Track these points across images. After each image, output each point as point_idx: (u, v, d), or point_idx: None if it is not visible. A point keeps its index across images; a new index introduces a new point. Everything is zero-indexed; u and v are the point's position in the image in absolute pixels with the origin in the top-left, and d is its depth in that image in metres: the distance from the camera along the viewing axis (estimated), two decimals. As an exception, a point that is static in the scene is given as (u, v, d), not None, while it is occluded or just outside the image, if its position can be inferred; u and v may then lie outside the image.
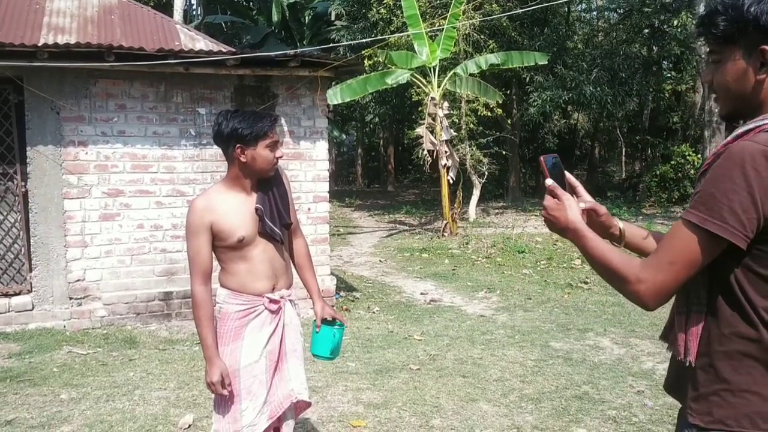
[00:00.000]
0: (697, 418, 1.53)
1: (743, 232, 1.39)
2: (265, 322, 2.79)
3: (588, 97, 17.84)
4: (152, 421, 4.28)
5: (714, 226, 1.40)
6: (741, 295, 1.46)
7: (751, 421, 1.46)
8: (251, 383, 2.74)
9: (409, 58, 13.61)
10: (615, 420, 4.24)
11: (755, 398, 1.46)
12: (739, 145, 1.41)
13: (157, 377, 5.17)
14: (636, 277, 1.50)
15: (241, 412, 2.73)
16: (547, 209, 1.67)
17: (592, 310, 7.41)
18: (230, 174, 2.76)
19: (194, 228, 2.68)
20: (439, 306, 7.82)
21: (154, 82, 6.67)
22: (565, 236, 1.66)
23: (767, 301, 1.44)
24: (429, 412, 4.40)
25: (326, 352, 2.90)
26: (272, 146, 2.71)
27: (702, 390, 1.53)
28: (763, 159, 1.37)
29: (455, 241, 13.50)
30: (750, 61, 1.50)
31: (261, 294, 2.78)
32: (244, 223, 2.72)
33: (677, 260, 1.46)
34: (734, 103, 1.57)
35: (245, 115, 2.70)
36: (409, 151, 26.77)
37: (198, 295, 2.70)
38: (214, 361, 2.68)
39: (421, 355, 5.68)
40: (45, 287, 6.44)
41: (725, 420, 1.49)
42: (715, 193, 1.41)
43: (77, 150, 6.45)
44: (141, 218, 6.72)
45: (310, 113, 7.30)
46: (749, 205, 1.38)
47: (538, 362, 5.45)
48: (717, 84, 1.58)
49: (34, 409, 4.50)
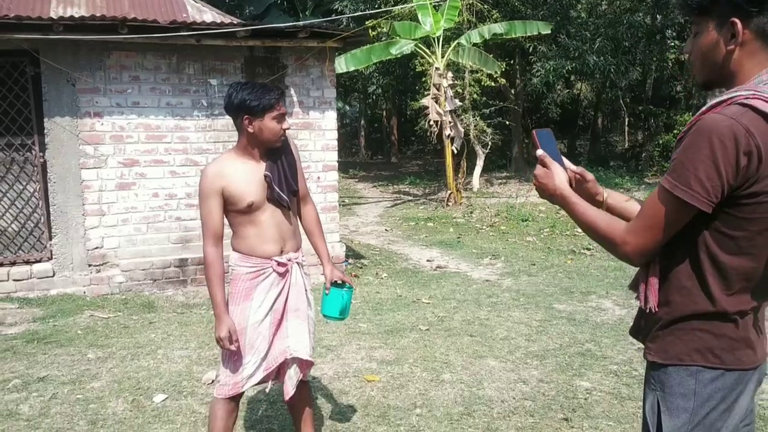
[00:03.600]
0: (655, 355, 1.72)
1: (707, 198, 1.53)
2: (273, 283, 2.97)
3: (591, 66, 17.83)
4: (177, 377, 4.51)
5: (681, 192, 1.55)
6: (705, 251, 1.61)
7: (702, 355, 1.65)
8: (255, 339, 2.94)
9: (413, 29, 13.66)
10: (616, 374, 4.46)
11: (706, 335, 1.64)
12: (709, 117, 1.54)
13: (178, 338, 5.40)
14: (622, 239, 1.67)
15: (243, 365, 2.94)
16: (537, 177, 1.85)
17: (595, 274, 7.62)
18: (240, 143, 2.93)
19: (206, 192, 2.86)
20: (446, 272, 8.04)
21: (166, 54, 6.81)
22: (553, 202, 1.85)
23: (733, 257, 1.60)
24: (439, 367, 4.63)
25: (335, 312, 3.08)
26: (279, 118, 2.86)
27: (659, 332, 1.71)
28: (729, 131, 1.49)
29: (459, 210, 13.70)
30: (721, 32, 1.62)
31: (269, 257, 2.95)
32: (253, 189, 2.88)
33: (655, 224, 1.62)
34: (708, 73, 1.70)
35: (254, 88, 2.84)
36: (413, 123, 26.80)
37: (209, 256, 2.89)
38: (222, 318, 2.87)
39: (429, 317, 5.91)
40: (65, 254, 6.66)
41: (679, 355, 1.67)
42: (684, 161, 1.55)
43: (93, 121, 6.62)
44: (156, 187, 6.92)
45: (318, 83, 7.44)
46: (713, 173, 1.50)
47: (543, 323, 5.68)
48: (693, 54, 1.72)
49: (64, 367, 4.73)
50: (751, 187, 1.52)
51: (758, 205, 1.54)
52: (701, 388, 1.65)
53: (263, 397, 4.15)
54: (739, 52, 1.62)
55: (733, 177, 1.51)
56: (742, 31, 1.59)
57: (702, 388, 1.65)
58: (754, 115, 1.50)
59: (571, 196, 1.81)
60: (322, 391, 4.24)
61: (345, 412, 3.93)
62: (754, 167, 1.50)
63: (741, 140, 1.48)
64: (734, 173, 1.50)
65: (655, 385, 1.74)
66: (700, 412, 1.65)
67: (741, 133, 1.48)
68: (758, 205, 1.54)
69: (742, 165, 1.49)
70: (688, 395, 1.66)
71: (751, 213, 1.55)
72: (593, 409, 3.92)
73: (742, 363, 1.65)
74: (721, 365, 1.64)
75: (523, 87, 21.33)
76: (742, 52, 1.62)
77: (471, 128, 16.44)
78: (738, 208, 1.55)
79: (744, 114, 1.51)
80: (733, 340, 1.64)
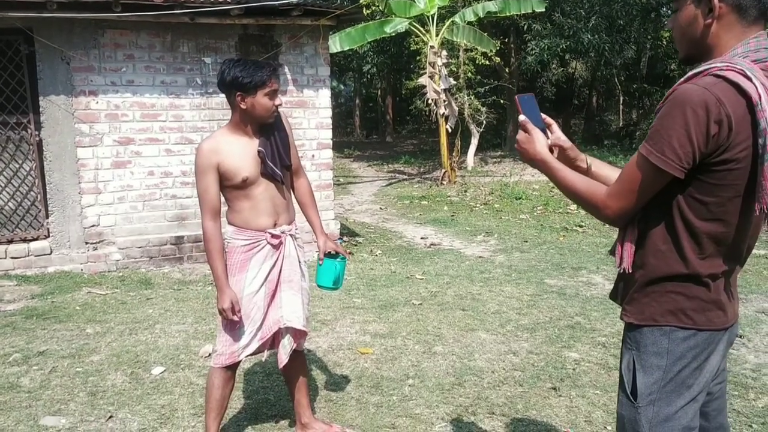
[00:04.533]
0: (631, 316, 1.81)
1: (679, 163, 1.61)
2: (268, 255, 3.05)
3: (586, 45, 17.82)
4: (174, 351, 4.61)
5: (656, 159, 1.63)
6: (679, 216, 1.70)
7: (675, 316, 1.74)
8: (250, 309, 3.03)
9: (407, 7, 13.63)
10: (604, 345, 4.57)
11: (679, 297, 1.73)
12: (683, 88, 1.63)
13: (175, 313, 5.49)
14: (603, 203, 1.76)
15: (240, 335, 3.05)
16: (518, 142, 1.94)
17: (586, 250, 7.72)
18: (233, 119, 2.99)
19: (202, 168, 2.92)
20: (439, 249, 8.13)
21: (160, 32, 6.83)
22: (534, 166, 1.93)
23: (705, 222, 1.68)
24: (431, 340, 4.73)
25: (329, 282, 3.16)
26: (271, 95, 2.91)
27: (636, 294, 1.80)
28: (701, 100, 1.57)
29: (454, 189, 13.77)
30: (699, 6, 1.71)
31: (263, 229, 3.03)
32: (247, 164, 2.95)
33: (634, 188, 1.70)
34: (688, 48, 1.78)
35: (246, 65, 2.88)
36: (407, 102, 26.78)
37: (208, 230, 2.96)
38: (224, 289, 2.95)
39: (422, 292, 6.00)
40: (62, 232, 6.72)
41: (654, 316, 1.76)
42: (659, 129, 1.64)
43: (88, 99, 6.65)
44: (151, 165, 6.97)
45: (312, 62, 7.48)
46: (685, 140, 1.59)
47: (534, 297, 5.78)
48: (674, 30, 1.80)
49: (63, 341, 4.82)
50: (723, 154, 1.59)
51: (729, 172, 1.62)
52: (674, 347, 1.74)
53: (259, 368, 4.25)
54: (716, 25, 1.69)
55: (704, 144, 1.58)
56: (719, 5, 1.66)
57: (675, 346, 1.74)
58: (727, 86, 1.57)
59: (552, 161, 1.89)
60: (317, 363, 4.34)
61: (339, 383, 4.04)
62: (724, 135, 1.57)
63: (712, 109, 1.56)
64: (705, 141, 1.58)
65: (630, 344, 1.83)
66: (672, 369, 1.75)
67: (712, 102, 1.56)
68: (729, 172, 1.62)
69: (713, 133, 1.57)
70: (662, 353, 1.75)
71: (723, 180, 1.63)
72: (581, 378, 4.02)
73: (713, 324, 1.74)
74: (693, 325, 1.73)
75: (517, 65, 21.32)
76: (719, 26, 1.69)
77: (465, 107, 16.48)
78: (710, 174, 1.63)
79: (716, 84, 1.58)
80: (705, 301, 1.73)
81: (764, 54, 1.65)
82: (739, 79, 1.58)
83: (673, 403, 1.75)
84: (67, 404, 3.78)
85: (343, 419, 3.56)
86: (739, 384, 3.91)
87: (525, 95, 1.98)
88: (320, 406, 3.72)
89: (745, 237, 1.76)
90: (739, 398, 3.72)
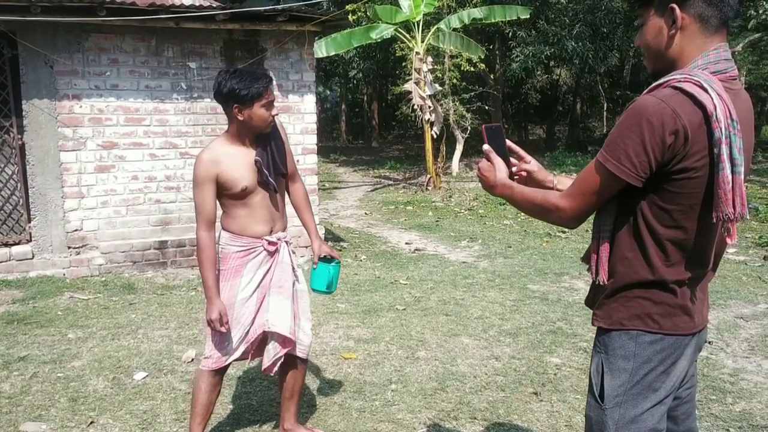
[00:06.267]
0: (600, 321, 1.87)
1: (635, 172, 1.66)
2: (263, 261, 3.08)
3: (570, 52, 17.99)
4: (157, 356, 4.59)
5: (612, 165, 1.69)
6: (644, 224, 1.75)
7: (642, 320, 1.79)
8: (242, 315, 3.05)
9: (394, 13, 13.68)
10: (585, 350, 4.61)
11: (646, 302, 1.78)
12: (642, 99, 1.68)
13: (158, 318, 5.47)
14: (555, 205, 1.82)
15: (229, 340, 3.06)
16: (480, 170, 2.01)
17: (569, 256, 7.78)
18: (231, 129, 3.00)
19: (201, 179, 2.94)
20: (424, 254, 8.16)
21: (145, 36, 6.82)
22: (493, 194, 1.99)
23: (668, 230, 1.73)
24: (414, 345, 4.75)
25: (322, 286, 3.18)
26: (267, 106, 2.93)
27: (605, 300, 1.85)
28: (657, 112, 1.62)
29: (439, 194, 13.82)
30: (663, 18, 1.76)
31: (260, 237, 3.06)
32: (246, 173, 2.97)
33: (587, 191, 1.77)
34: (654, 62, 1.83)
35: (242, 76, 2.86)
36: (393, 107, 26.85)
37: (202, 240, 2.98)
38: (214, 300, 2.97)
39: (406, 298, 6.02)
40: (44, 237, 6.68)
41: (622, 320, 1.81)
42: (617, 138, 1.69)
43: (72, 103, 6.62)
44: (135, 170, 6.94)
45: (297, 67, 7.49)
46: (641, 150, 1.64)
47: (516, 302, 5.82)
48: (641, 44, 1.85)
49: (44, 347, 4.79)
50: (680, 163, 1.65)
51: (688, 181, 1.67)
52: (641, 350, 1.78)
53: (242, 373, 4.25)
54: (680, 36, 1.74)
55: (660, 154, 1.64)
56: (681, 15, 1.72)
57: (641, 350, 1.78)
58: (683, 98, 1.63)
59: (510, 185, 1.95)
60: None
61: (322, 388, 4.05)
62: (680, 145, 1.62)
63: (667, 120, 1.61)
64: (661, 150, 1.63)
65: (600, 347, 1.87)
66: (639, 373, 1.79)
67: (668, 113, 1.61)
68: (688, 181, 1.67)
69: (669, 143, 1.62)
70: (629, 357, 1.79)
71: (683, 188, 1.68)
72: (562, 383, 4.06)
73: (680, 329, 1.79)
74: (659, 330, 1.77)
75: (502, 72, 21.45)
76: (683, 37, 1.74)
77: (450, 113, 16.54)
78: (671, 182, 1.68)
79: (673, 96, 1.64)
80: (671, 307, 1.77)
81: (723, 65, 1.71)
82: (695, 90, 1.63)
83: (639, 405, 1.79)
84: (48, 410, 3.76)
85: (326, 424, 3.57)
86: (717, 389, 3.96)
87: (492, 125, 2.05)
88: (303, 411, 3.73)
89: (710, 243, 1.80)
90: (716, 402, 3.77)
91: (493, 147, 2.00)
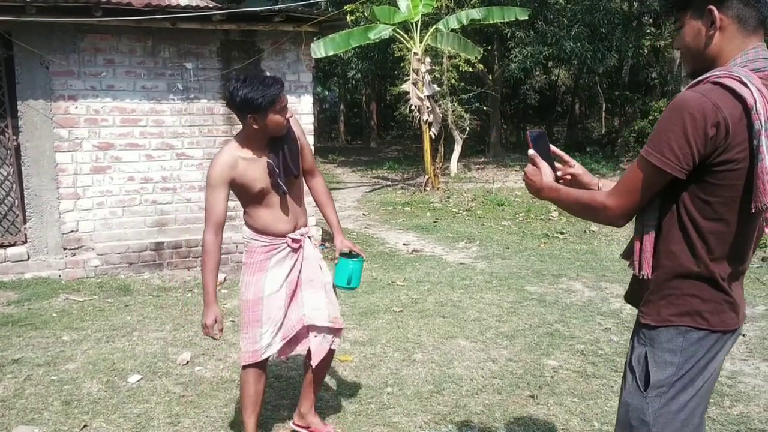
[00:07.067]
0: (648, 318, 1.89)
1: (678, 164, 1.70)
2: (287, 257, 3.12)
3: (568, 52, 17.98)
4: (152, 359, 4.57)
5: (655, 159, 1.73)
6: (687, 217, 1.78)
7: (692, 317, 1.82)
8: (272, 310, 3.09)
9: (392, 13, 13.66)
10: (583, 353, 4.59)
11: (695, 300, 1.81)
12: (683, 94, 1.73)
13: (153, 320, 5.44)
14: (602, 204, 1.86)
15: (261, 335, 3.09)
16: (527, 174, 2.06)
17: (567, 257, 7.76)
18: (245, 134, 3.00)
19: (215, 182, 2.94)
20: (421, 255, 8.13)
21: (141, 36, 6.79)
22: (540, 197, 2.05)
23: (710, 222, 1.76)
24: (411, 348, 4.73)
25: (343, 281, 3.18)
26: (281, 111, 2.92)
27: (652, 297, 1.87)
28: (699, 105, 1.67)
29: (437, 195, 13.79)
30: (702, 20, 1.80)
31: (283, 234, 3.10)
32: (261, 175, 2.99)
33: (632, 188, 1.80)
34: (694, 61, 1.87)
35: (254, 84, 2.84)
36: (392, 108, 26.82)
37: (208, 244, 2.97)
38: (211, 306, 2.98)
39: (403, 299, 6.00)
40: (39, 238, 6.65)
41: (670, 318, 1.84)
42: (659, 132, 1.73)
43: (67, 104, 6.59)
44: (131, 171, 6.91)
45: (294, 68, 7.47)
46: (684, 142, 1.68)
47: (514, 304, 5.80)
48: (680, 46, 1.90)
49: (38, 349, 4.76)
50: (722, 155, 1.68)
51: (729, 172, 1.70)
52: (688, 346, 1.82)
53: (237, 377, 4.21)
54: (719, 37, 1.78)
55: (702, 146, 1.67)
56: (719, 16, 1.76)
57: (688, 345, 1.82)
58: (723, 92, 1.67)
59: (557, 187, 2.00)
60: (296, 371, 4.32)
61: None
62: (722, 137, 1.66)
63: (709, 113, 1.65)
64: (704, 142, 1.67)
65: (644, 340, 1.90)
66: (684, 367, 1.83)
67: (709, 107, 1.66)
68: (729, 172, 1.70)
69: (710, 135, 1.66)
70: (675, 351, 1.83)
71: (724, 180, 1.71)
72: (559, 386, 4.03)
73: (726, 325, 1.83)
74: (708, 327, 1.81)
75: (501, 73, 21.44)
76: (722, 38, 1.78)
77: (449, 114, 16.52)
78: (712, 175, 1.71)
79: (713, 90, 1.68)
80: (719, 303, 1.81)
81: (762, 63, 1.74)
82: (735, 84, 1.67)
83: (680, 397, 1.84)
84: (41, 413, 3.73)
85: (321, 428, 3.54)
86: (714, 391, 3.93)
87: (535, 131, 2.10)
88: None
89: (750, 237, 1.84)
90: (714, 405, 3.74)
91: (538, 152, 2.04)
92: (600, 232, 9.34)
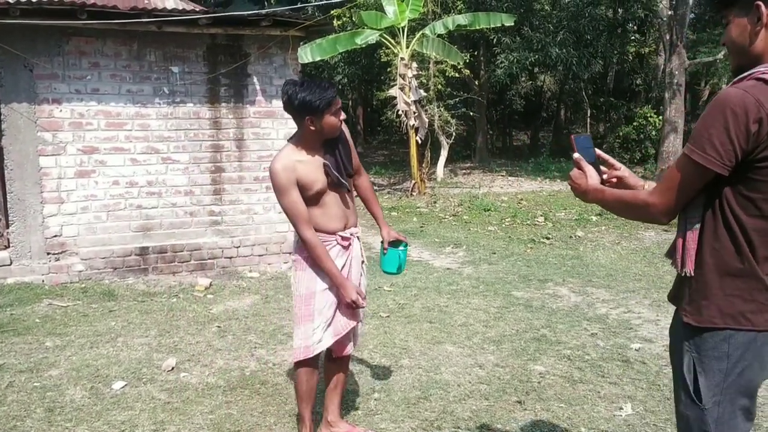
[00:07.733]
0: (690, 318, 1.87)
1: (721, 161, 1.70)
2: (338, 254, 3.20)
3: (554, 58, 18.10)
4: (136, 365, 4.52)
5: (698, 156, 1.73)
6: (731, 213, 1.77)
7: (734, 319, 1.80)
8: (323, 306, 3.16)
9: (379, 19, 13.68)
10: (569, 358, 4.60)
11: (738, 300, 1.79)
12: (725, 90, 1.73)
13: (138, 326, 5.39)
14: (645, 202, 1.86)
15: (313, 330, 3.16)
16: (571, 178, 2.07)
17: (553, 262, 7.78)
18: (302, 136, 3.09)
19: (284, 187, 3.03)
20: (408, 260, 8.10)
21: (127, 40, 6.74)
22: (586, 199, 2.05)
23: (753, 219, 1.76)
24: (398, 353, 4.72)
25: (393, 268, 3.45)
26: (336, 113, 3.05)
27: (695, 296, 1.86)
28: (740, 101, 1.67)
29: (423, 200, 13.81)
30: (748, 16, 1.79)
31: (334, 232, 3.19)
32: (319, 177, 3.09)
33: (675, 185, 1.80)
34: (739, 57, 1.86)
35: (311, 87, 2.97)
36: (379, 113, 26.85)
37: (310, 240, 3.07)
38: (345, 284, 3.11)
39: (390, 304, 5.99)
40: (22, 243, 6.57)
41: (713, 319, 1.82)
42: (701, 129, 1.73)
43: (51, 107, 6.52)
44: (116, 175, 6.85)
45: (281, 72, 7.45)
46: (726, 139, 1.68)
47: (501, 309, 5.80)
48: (727, 42, 1.89)
49: (21, 355, 4.70)
50: (764, 151, 1.69)
51: None
52: (733, 351, 1.80)
53: (223, 383, 4.20)
54: (765, 33, 1.78)
55: (745, 142, 1.67)
56: (766, 12, 1.75)
57: (734, 350, 1.80)
58: (766, 88, 1.67)
59: (602, 189, 2.01)
60: (282, 377, 4.29)
61: (304, 397, 3.99)
62: (764, 133, 1.66)
63: (751, 109, 1.65)
64: (746, 139, 1.67)
65: (690, 347, 1.88)
66: (733, 372, 1.81)
67: (751, 102, 1.66)
68: None
69: (753, 131, 1.66)
70: (722, 357, 1.81)
71: (767, 176, 1.71)
72: (546, 392, 4.03)
73: None
74: (752, 327, 1.79)
75: (487, 78, 21.51)
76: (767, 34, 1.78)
77: (435, 119, 16.57)
78: (755, 171, 1.71)
79: (756, 86, 1.68)
80: (763, 303, 1.79)
81: None
82: None
83: (735, 402, 1.83)
84: (23, 420, 3.68)
85: (308, 434, 3.52)
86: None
87: (581, 135, 2.13)
88: (284, 421, 3.68)
89: None
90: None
91: (582, 155, 2.06)
92: (586, 237, 9.38)
